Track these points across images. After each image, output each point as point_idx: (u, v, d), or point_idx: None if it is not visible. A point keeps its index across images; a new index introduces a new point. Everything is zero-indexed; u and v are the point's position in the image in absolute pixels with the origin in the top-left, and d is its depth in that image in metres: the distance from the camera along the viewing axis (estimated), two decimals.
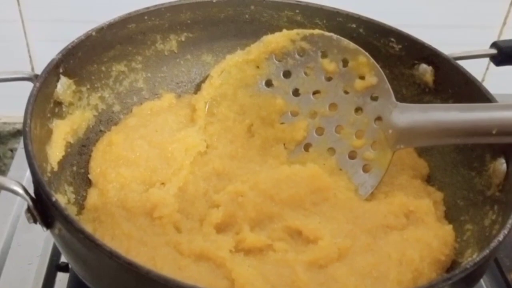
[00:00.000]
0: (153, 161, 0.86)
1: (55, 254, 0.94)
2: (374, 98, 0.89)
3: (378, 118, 0.88)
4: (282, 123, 0.96)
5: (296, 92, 0.96)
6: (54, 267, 0.93)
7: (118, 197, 0.81)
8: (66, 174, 0.83)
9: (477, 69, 0.92)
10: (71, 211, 0.81)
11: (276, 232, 0.79)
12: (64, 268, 0.92)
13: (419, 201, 0.84)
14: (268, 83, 0.97)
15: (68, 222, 0.61)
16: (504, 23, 1.22)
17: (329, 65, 0.92)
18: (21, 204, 1.01)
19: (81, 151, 0.88)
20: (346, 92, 0.92)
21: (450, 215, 0.87)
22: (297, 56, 0.95)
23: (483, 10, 1.20)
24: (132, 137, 0.88)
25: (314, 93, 0.95)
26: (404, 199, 0.83)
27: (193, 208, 0.83)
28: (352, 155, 0.91)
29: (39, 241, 0.96)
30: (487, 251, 0.64)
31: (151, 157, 0.87)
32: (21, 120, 0.72)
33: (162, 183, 0.85)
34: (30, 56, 1.20)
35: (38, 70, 0.80)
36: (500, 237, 0.66)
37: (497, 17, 1.22)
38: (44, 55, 0.82)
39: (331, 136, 0.93)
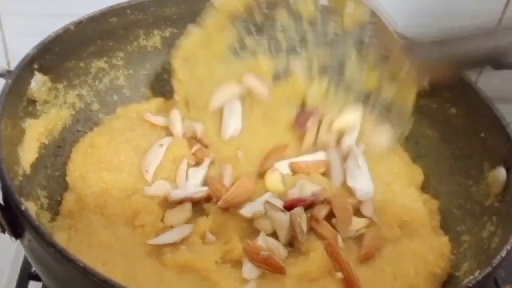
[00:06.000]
0: (138, 168, 0.81)
1: (28, 261, 0.88)
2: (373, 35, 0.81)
3: (384, 54, 0.80)
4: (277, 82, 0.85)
5: (277, 46, 0.85)
6: (26, 275, 0.87)
7: (97, 203, 0.76)
8: (39, 177, 0.78)
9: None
10: (44, 217, 0.76)
11: None
12: (37, 276, 0.86)
13: (414, 211, 0.80)
14: (243, 46, 0.85)
15: (39, 234, 0.56)
16: (501, 19, 1.19)
17: (305, 5, 0.81)
18: None
19: (56, 152, 0.83)
20: (336, 34, 0.82)
21: (446, 225, 0.83)
22: (264, 10, 0.82)
23: (476, 11, 1.17)
24: (117, 140, 0.83)
25: (300, 41, 0.84)
26: (398, 209, 0.79)
27: None
28: (368, 96, 0.83)
29: (11, 247, 0.90)
30: (490, 268, 0.61)
31: (136, 163, 0.81)
32: None
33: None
34: (6, 50, 1.14)
35: (15, 66, 0.75)
36: (503, 253, 0.62)
37: (491, 19, 1.18)
38: (21, 50, 0.77)
39: (338, 79, 0.84)
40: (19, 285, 0.86)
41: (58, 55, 0.81)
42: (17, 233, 0.62)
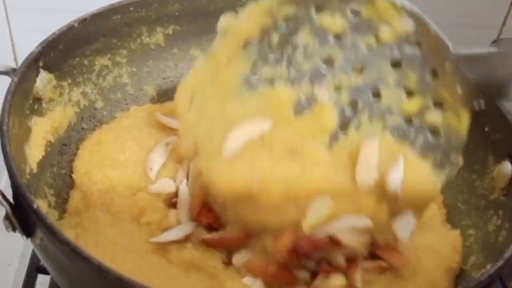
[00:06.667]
0: (143, 165, 0.81)
1: (36, 255, 0.87)
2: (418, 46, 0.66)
3: (433, 72, 0.66)
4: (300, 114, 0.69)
5: (299, 72, 0.69)
6: (35, 269, 0.87)
7: (103, 200, 0.76)
8: (46, 176, 0.78)
9: None
10: (52, 216, 0.75)
11: None
12: (45, 270, 0.84)
13: None
14: (257, 76, 0.70)
15: (52, 232, 0.56)
16: (504, 23, 1.19)
17: (331, 19, 0.66)
18: None
19: (62, 150, 0.83)
20: (370, 49, 0.67)
21: (451, 220, 0.83)
22: (283, 26, 0.68)
23: (482, 9, 1.17)
24: (123, 138, 0.83)
25: (325, 62, 0.69)
26: None
27: None
28: (410, 125, 0.68)
29: (19, 241, 0.85)
30: (502, 261, 0.61)
31: (142, 160, 0.81)
32: None
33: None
34: (13, 45, 1.13)
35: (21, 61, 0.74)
36: None
37: (497, 16, 1.18)
38: (28, 45, 0.76)
39: (371, 106, 0.68)
40: (27, 278, 0.86)
41: (63, 52, 0.81)
42: (28, 232, 0.61)
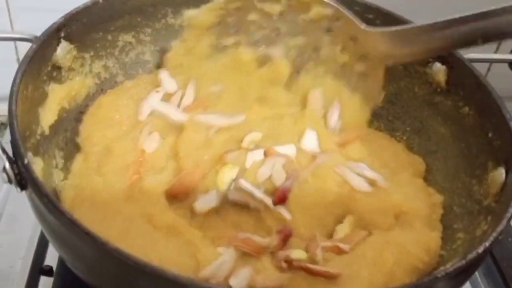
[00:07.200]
0: (136, 118, 0.84)
1: (39, 257, 0.89)
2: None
3: (353, 38, 0.87)
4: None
5: (255, 38, 0.92)
6: (37, 270, 0.88)
7: (99, 162, 0.80)
8: (58, 139, 0.83)
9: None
10: (57, 176, 0.80)
11: None
12: (48, 272, 0.87)
13: (414, 202, 0.81)
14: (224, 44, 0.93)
15: (35, 184, 0.61)
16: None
17: (271, 6, 0.89)
18: (2, 205, 0.97)
19: (78, 117, 0.87)
20: (306, 23, 0.90)
21: (444, 222, 0.83)
22: (234, 14, 0.90)
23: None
24: (121, 98, 0.87)
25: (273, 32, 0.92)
26: (399, 198, 0.80)
27: None
28: (344, 69, 0.91)
29: (22, 243, 0.90)
30: (463, 262, 0.61)
31: (134, 113, 0.85)
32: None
33: None
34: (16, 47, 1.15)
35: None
36: (480, 249, 0.63)
37: None
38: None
39: (315, 58, 0.91)
40: (30, 280, 0.86)
41: (86, 25, 0.85)
42: (22, 185, 0.66)
